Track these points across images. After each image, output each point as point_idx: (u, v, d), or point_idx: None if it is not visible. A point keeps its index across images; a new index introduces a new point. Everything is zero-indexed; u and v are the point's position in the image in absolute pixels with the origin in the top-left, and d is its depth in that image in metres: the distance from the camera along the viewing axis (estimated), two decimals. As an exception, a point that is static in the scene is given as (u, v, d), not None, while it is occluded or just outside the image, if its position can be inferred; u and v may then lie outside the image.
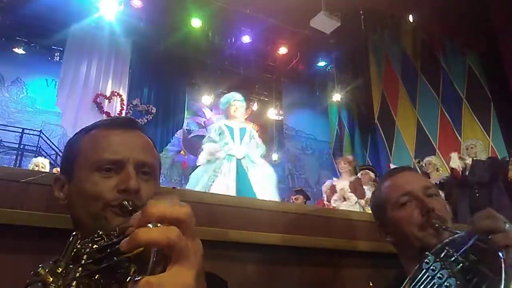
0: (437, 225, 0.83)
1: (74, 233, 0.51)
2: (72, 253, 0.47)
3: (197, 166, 3.58)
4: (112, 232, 0.49)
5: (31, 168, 4.30)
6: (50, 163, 5.11)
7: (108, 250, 0.45)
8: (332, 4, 6.19)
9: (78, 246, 0.47)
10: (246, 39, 7.87)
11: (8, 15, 6.64)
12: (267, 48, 8.47)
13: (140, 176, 0.67)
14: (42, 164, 4.47)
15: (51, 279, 0.42)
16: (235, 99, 3.72)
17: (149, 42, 7.56)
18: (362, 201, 4.56)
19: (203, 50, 7.84)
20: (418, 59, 7.30)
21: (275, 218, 1.20)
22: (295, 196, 5.82)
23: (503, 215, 0.80)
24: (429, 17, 6.87)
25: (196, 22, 7.31)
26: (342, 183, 5.01)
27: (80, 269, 0.43)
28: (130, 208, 0.59)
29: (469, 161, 4.79)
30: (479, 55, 6.58)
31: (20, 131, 7.62)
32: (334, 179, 5.36)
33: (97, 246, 0.46)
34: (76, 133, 0.75)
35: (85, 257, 0.45)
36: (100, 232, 0.49)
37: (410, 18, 7.33)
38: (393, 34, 7.70)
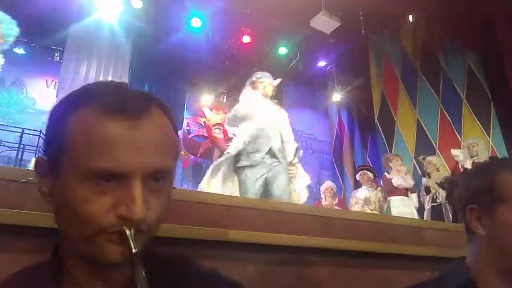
0: None
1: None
2: None
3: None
4: None
5: (31, 168, 4.31)
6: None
7: None
8: (332, 4, 6.19)
9: None
10: (246, 39, 7.87)
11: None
12: (267, 48, 8.47)
13: (150, 186, 0.50)
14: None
15: None
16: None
17: (149, 42, 7.55)
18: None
19: (203, 50, 7.83)
20: (418, 59, 7.30)
21: (275, 218, 1.20)
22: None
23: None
24: (429, 17, 6.87)
25: (196, 22, 7.31)
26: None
27: None
28: (133, 250, 0.47)
29: (470, 161, 4.79)
30: (479, 55, 6.58)
31: (20, 131, 7.62)
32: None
33: None
34: (63, 102, 0.53)
35: None
36: None
37: (410, 18, 7.33)
38: (393, 34, 7.70)
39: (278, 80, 3.31)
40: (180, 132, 8.62)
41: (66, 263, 0.54)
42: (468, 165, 4.70)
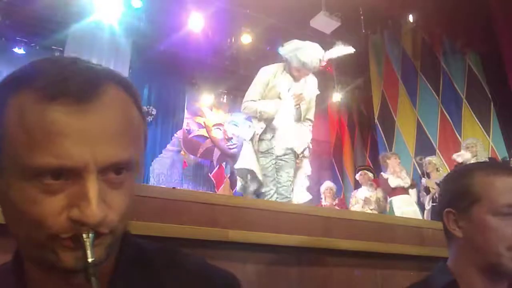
0: None
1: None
2: None
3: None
4: None
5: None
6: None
7: None
8: (332, 4, 6.19)
9: None
10: (246, 39, 7.87)
11: (8, 15, 6.64)
12: (267, 48, 8.46)
13: (110, 180, 0.43)
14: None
15: None
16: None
17: (149, 42, 7.55)
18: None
19: (203, 50, 7.83)
20: (418, 59, 7.30)
21: (275, 218, 1.20)
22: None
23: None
24: (429, 17, 6.86)
25: (196, 22, 7.31)
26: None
27: None
28: (89, 260, 0.40)
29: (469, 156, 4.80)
30: (479, 55, 6.58)
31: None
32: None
33: None
34: (1, 86, 0.43)
35: None
36: None
37: (410, 18, 7.33)
38: (393, 34, 7.70)
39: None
40: (180, 132, 8.63)
41: (26, 265, 0.49)
42: None
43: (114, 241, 0.46)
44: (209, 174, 8.90)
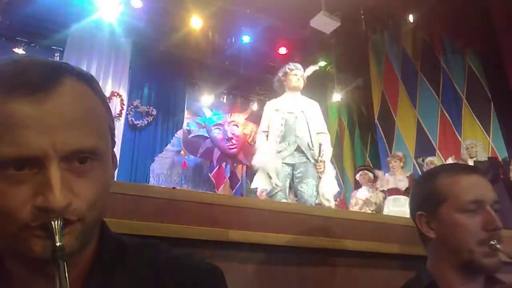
0: (497, 246, 0.80)
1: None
2: None
3: None
4: None
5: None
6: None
7: None
8: (332, 4, 6.19)
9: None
10: (246, 39, 7.87)
11: (8, 15, 6.64)
12: (267, 48, 8.46)
13: (74, 169, 0.44)
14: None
15: None
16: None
17: (149, 42, 7.56)
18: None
19: (203, 50, 7.83)
20: (418, 59, 7.30)
21: (275, 218, 1.20)
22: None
23: (504, 216, 0.80)
24: (429, 17, 6.86)
25: (196, 22, 7.31)
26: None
27: None
28: (57, 244, 0.40)
29: (470, 162, 4.80)
30: (479, 55, 6.58)
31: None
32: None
33: None
34: None
35: None
36: None
37: (410, 18, 7.33)
38: (393, 34, 7.69)
39: (313, 69, 3.31)
40: (180, 132, 8.63)
41: (3, 259, 0.49)
42: None
43: (85, 230, 0.46)
44: (209, 174, 8.91)
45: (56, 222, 0.41)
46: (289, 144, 2.96)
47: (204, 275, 0.57)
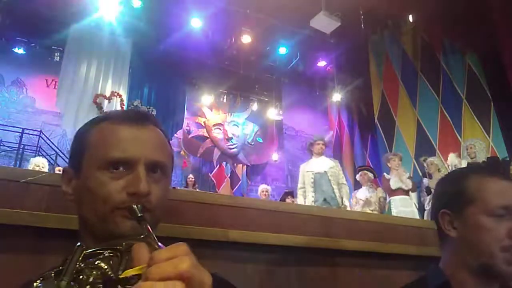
0: None
1: (78, 244, 0.52)
2: (75, 271, 0.49)
3: None
4: (118, 247, 0.52)
5: (31, 168, 4.30)
6: (49, 163, 5.10)
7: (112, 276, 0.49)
8: (332, 4, 6.19)
9: (82, 265, 0.50)
10: (246, 39, 7.87)
11: (8, 15, 6.64)
12: (267, 48, 8.47)
13: (151, 176, 0.63)
14: (42, 164, 4.47)
15: None
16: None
17: (149, 42, 7.56)
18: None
19: (203, 50, 7.84)
20: (418, 59, 7.30)
21: (275, 218, 1.20)
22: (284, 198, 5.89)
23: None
24: (429, 17, 6.87)
25: (196, 22, 7.31)
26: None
27: None
28: (139, 215, 0.56)
29: (469, 160, 4.81)
30: (479, 55, 6.58)
31: (20, 131, 7.62)
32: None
33: (100, 272, 0.50)
34: (85, 124, 0.70)
35: (87, 279, 0.49)
36: (104, 248, 0.52)
37: (410, 18, 7.34)
38: (393, 34, 7.70)
39: (329, 135, 4.33)
40: (180, 132, 8.63)
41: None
42: None
43: (154, 221, 0.62)
44: (209, 174, 8.91)
45: (138, 206, 0.58)
46: (318, 195, 4.05)
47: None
